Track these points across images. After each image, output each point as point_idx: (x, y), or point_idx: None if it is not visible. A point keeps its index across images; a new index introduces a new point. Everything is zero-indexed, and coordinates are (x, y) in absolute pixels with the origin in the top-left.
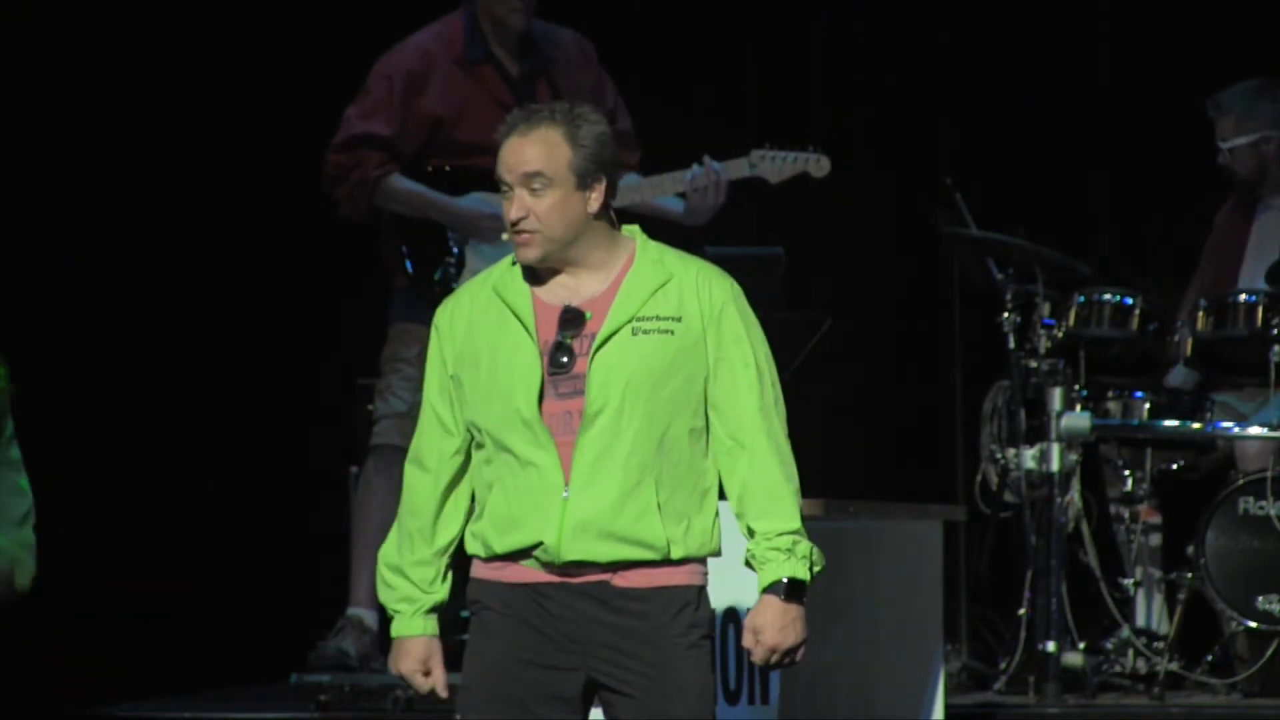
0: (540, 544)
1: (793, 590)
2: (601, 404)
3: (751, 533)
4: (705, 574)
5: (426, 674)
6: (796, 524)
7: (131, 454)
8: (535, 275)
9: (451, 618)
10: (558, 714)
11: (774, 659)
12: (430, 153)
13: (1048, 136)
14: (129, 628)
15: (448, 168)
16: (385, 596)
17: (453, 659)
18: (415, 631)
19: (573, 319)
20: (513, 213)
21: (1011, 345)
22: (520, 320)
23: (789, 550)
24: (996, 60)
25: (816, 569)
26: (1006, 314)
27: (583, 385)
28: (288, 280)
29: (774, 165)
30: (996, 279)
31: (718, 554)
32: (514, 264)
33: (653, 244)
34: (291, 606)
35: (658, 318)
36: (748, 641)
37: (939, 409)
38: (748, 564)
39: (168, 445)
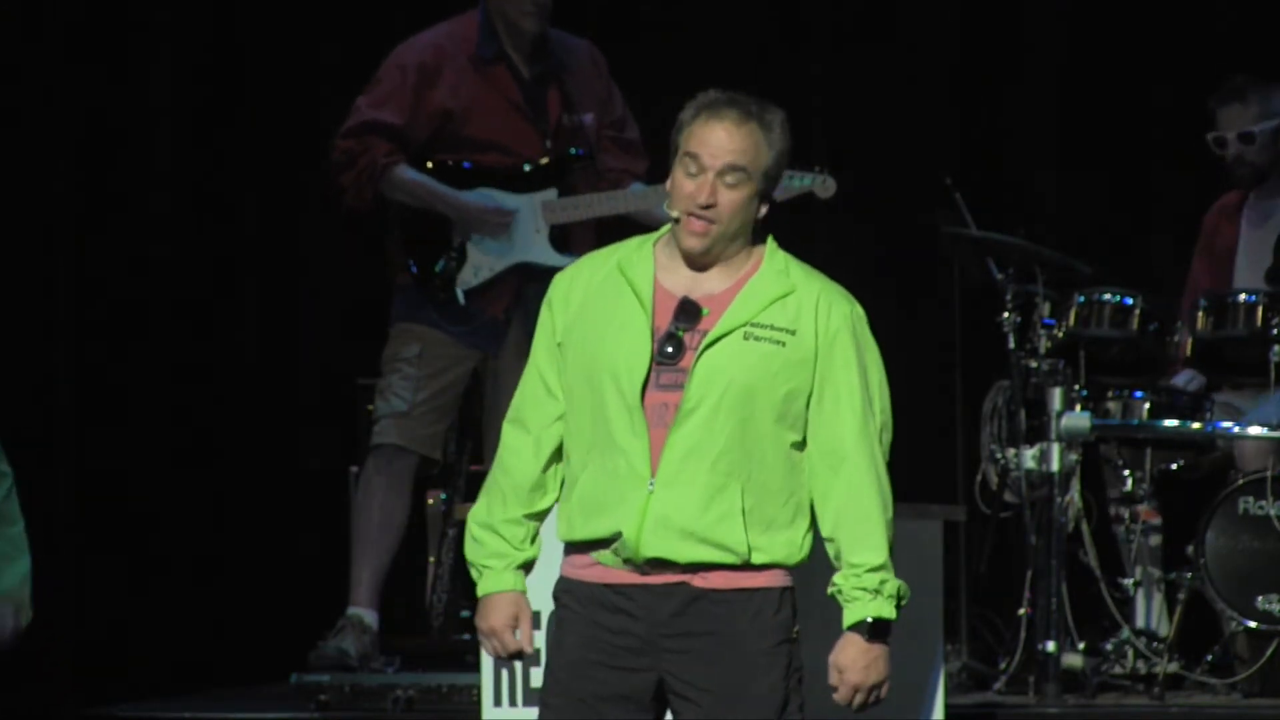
0: (619, 534)
1: (877, 630)
2: (698, 401)
3: (838, 560)
4: (790, 575)
5: (515, 631)
6: (885, 558)
7: (131, 454)
8: (665, 260)
9: (453, 618)
10: (628, 714)
11: (858, 699)
12: (437, 148)
13: (1048, 136)
14: (129, 627)
15: (450, 163)
16: (473, 553)
17: (451, 659)
18: (505, 586)
19: (689, 311)
20: (704, 196)
21: (1011, 345)
22: (640, 301)
23: (876, 590)
24: (997, 59)
25: (903, 603)
26: (1006, 314)
27: (684, 380)
28: (288, 280)
29: (780, 184)
30: (996, 279)
31: (806, 563)
32: (641, 246)
33: (781, 254)
34: (291, 606)
35: (773, 327)
36: (833, 680)
37: (939, 409)
38: (832, 596)
39: (167, 445)
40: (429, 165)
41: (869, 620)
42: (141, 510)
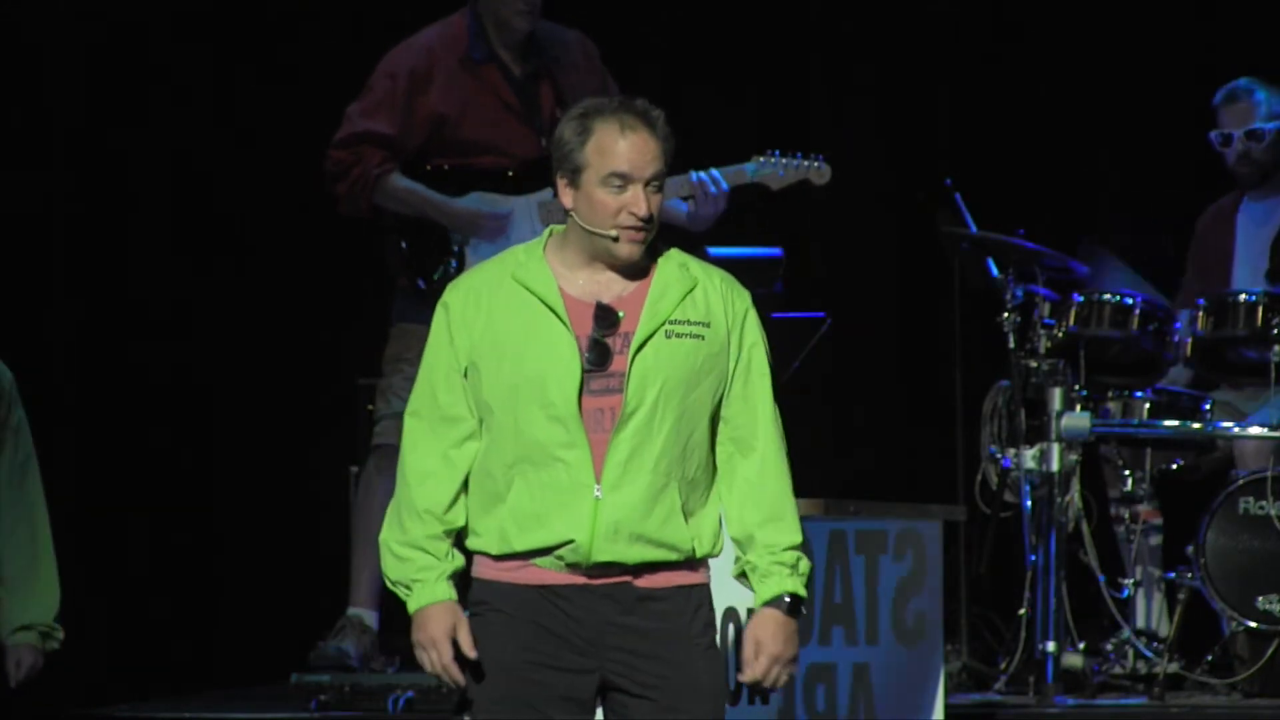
0: (569, 543)
1: (794, 606)
2: (638, 403)
3: (750, 540)
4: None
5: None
6: (800, 538)
7: (132, 454)
8: (560, 268)
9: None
10: (570, 715)
11: (774, 671)
12: (432, 152)
13: (1047, 135)
14: (129, 627)
15: (446, 167)
16: (399, 571)
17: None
18: (440, 597)
19: (607, 316)
20: (643, 209)
21: (1011, 345)
22: (555, 313)
23: (793, 566)
24: (997, 59)
25: (808, 585)
26: (1006, 314)
27: (617, 383)
28: (288, 280)
29: (775, 172)
30: (996, 279)
31: (718, 554)
32: (530, 253)
33: (672, 250)
34: (291, 606)
35: (689, 322)
36: (749, 653)
37: (939, 409)
38: (741, 573)
39: (169, 446)
40: (426, 169)
41: (787, 597)
42: (142, 510)
